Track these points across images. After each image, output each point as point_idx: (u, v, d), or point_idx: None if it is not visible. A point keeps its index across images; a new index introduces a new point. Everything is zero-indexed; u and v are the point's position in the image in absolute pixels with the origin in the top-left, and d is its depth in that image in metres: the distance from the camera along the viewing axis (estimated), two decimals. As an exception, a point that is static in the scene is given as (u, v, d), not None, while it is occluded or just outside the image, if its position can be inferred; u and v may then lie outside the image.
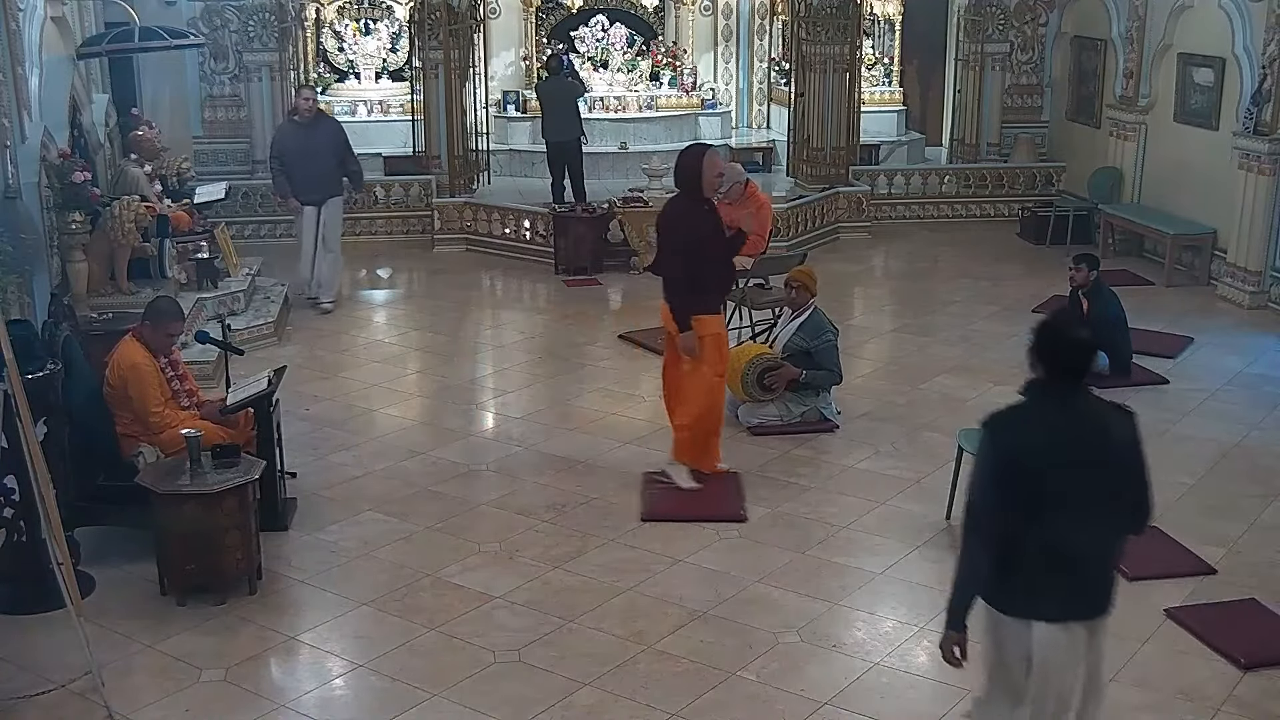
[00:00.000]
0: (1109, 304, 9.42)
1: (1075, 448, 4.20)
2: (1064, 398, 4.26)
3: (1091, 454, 4.20)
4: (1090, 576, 4.29)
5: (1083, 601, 4.28)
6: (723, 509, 7.22)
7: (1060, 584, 4.21)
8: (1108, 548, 4.31)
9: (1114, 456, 4.26)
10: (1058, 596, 4.22)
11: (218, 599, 6.16)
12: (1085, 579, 4.27)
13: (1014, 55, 15.25)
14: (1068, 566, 4.20)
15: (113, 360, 6.76)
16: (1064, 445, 4.19)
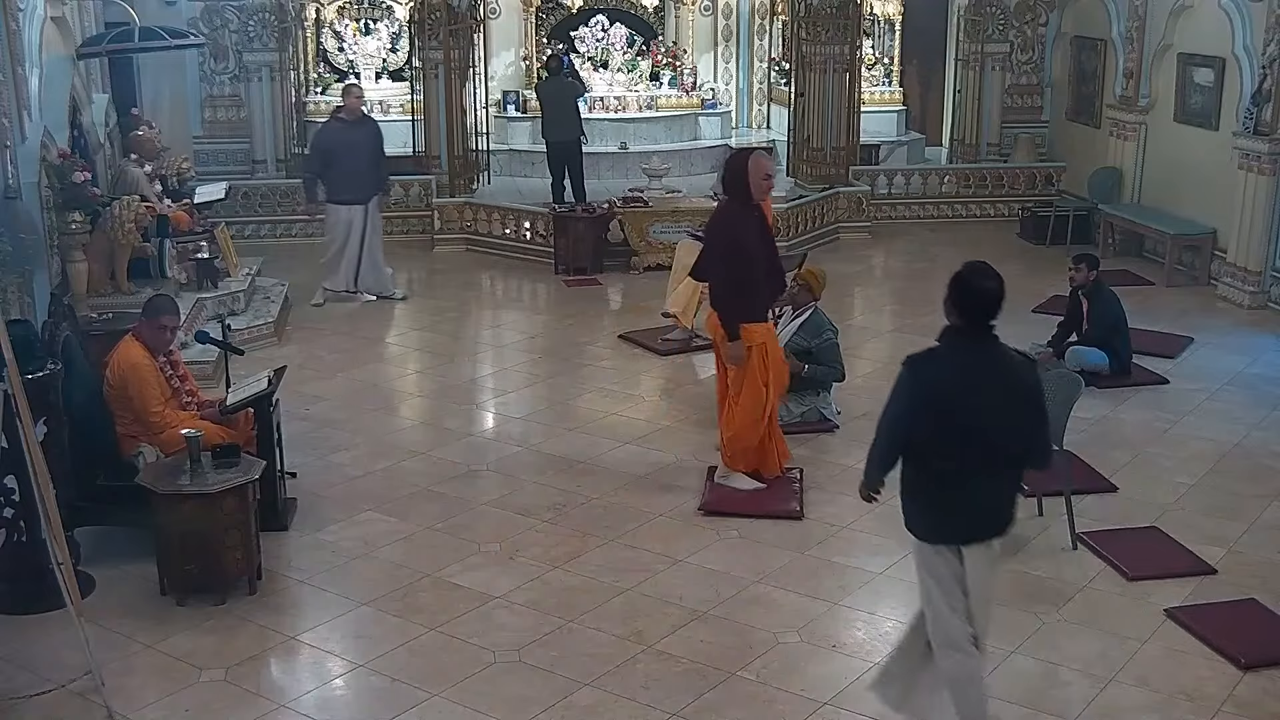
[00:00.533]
0: (1109, 304, 9.42)
1: (983, 386, 4.74)
2: (975, 342, 4.87)
3: (997, 393, 4.74)
4: (987, 503, 4.77)
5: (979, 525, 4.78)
6: (779, 506, 7.25)
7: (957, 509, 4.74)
8: (1006, 478, 4.83)
9: (1017, 397, 4.78)
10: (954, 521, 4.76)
11: (218, 599, 6.16)
12: (982, 506, 4.76)
13: (1014, 55, 15.25)
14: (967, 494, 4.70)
15: (112, 360, 6.76)
16: (974, 384, 4.73)
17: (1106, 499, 7.39)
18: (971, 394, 4.72)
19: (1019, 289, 11.71)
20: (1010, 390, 4.81)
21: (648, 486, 7.60)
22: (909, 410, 4.81)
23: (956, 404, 4.70)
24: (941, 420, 4.71)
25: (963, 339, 4.89)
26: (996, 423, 4.70)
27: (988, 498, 4.79)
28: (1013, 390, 4.82)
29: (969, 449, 4.69)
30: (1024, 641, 5.87)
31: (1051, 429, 6.38)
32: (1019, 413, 4.77)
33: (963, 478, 4.72)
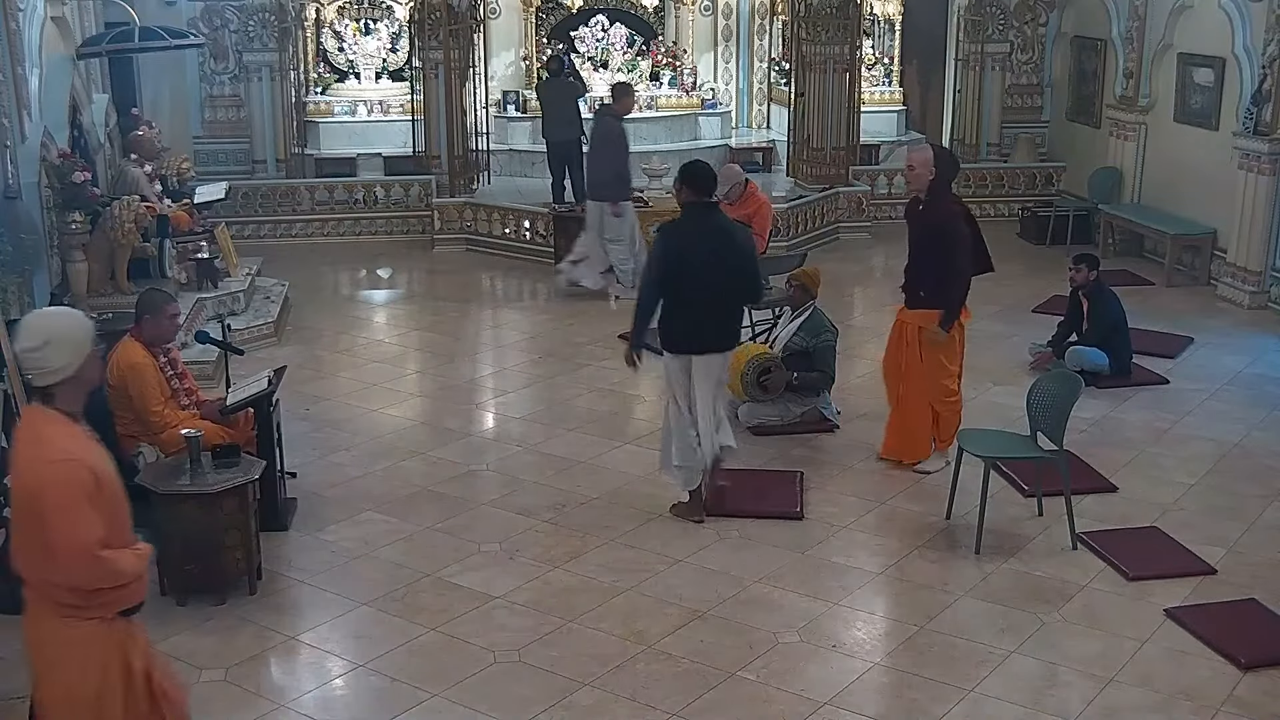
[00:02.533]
0: (1109, 304, 9.42)
1: (711, 242, 6.71)
2: (703, 212, 6.84)
3: (720, 250, 6.70)
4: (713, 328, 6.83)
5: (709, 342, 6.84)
6: (779, 506, 7.26)
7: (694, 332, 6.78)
8: (727, 311, 6.92)
9: (734, 252, 6.77)
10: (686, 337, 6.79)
11: (218, 599, 6.16)
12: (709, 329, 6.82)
13: (1014, 55, 15.25)
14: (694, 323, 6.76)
15: (112, 360, 6.75)
16: (704, 240, 6.70)
17: (1106, 499, 7.39)
18: (703, 247, 6.69)
19: (1019, 289, 11.83)
20: (729, 245, 6.77)
21: (648, 486, 7.60)
22: (662, 262, 6.74)
23: (694, 254, 6.66)
24: (684, 266, 6.64)
25: (696, 209, 6.85)
26: (720, 267, 6.66)
27: (715, 323, 6.84)
28: (731, 245, 6.79)
29: (703, 287, 6.65)
30: (1024, 641, 5.87)
31: (1052, 429, 6.68)
32: (737, 261, 6.76)
33: (697, 308, 6.72)
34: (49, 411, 3.95)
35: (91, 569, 3.86)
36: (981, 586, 6.40)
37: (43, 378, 3.92)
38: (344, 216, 13.89)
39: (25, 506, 3.85)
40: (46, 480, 3.79)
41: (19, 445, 3.97)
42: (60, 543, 3.78)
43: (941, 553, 6.79)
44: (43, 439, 3.89)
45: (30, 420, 4.02)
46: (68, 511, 3.78)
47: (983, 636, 5.91)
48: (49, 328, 3.92)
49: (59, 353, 3.90)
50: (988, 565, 6.61)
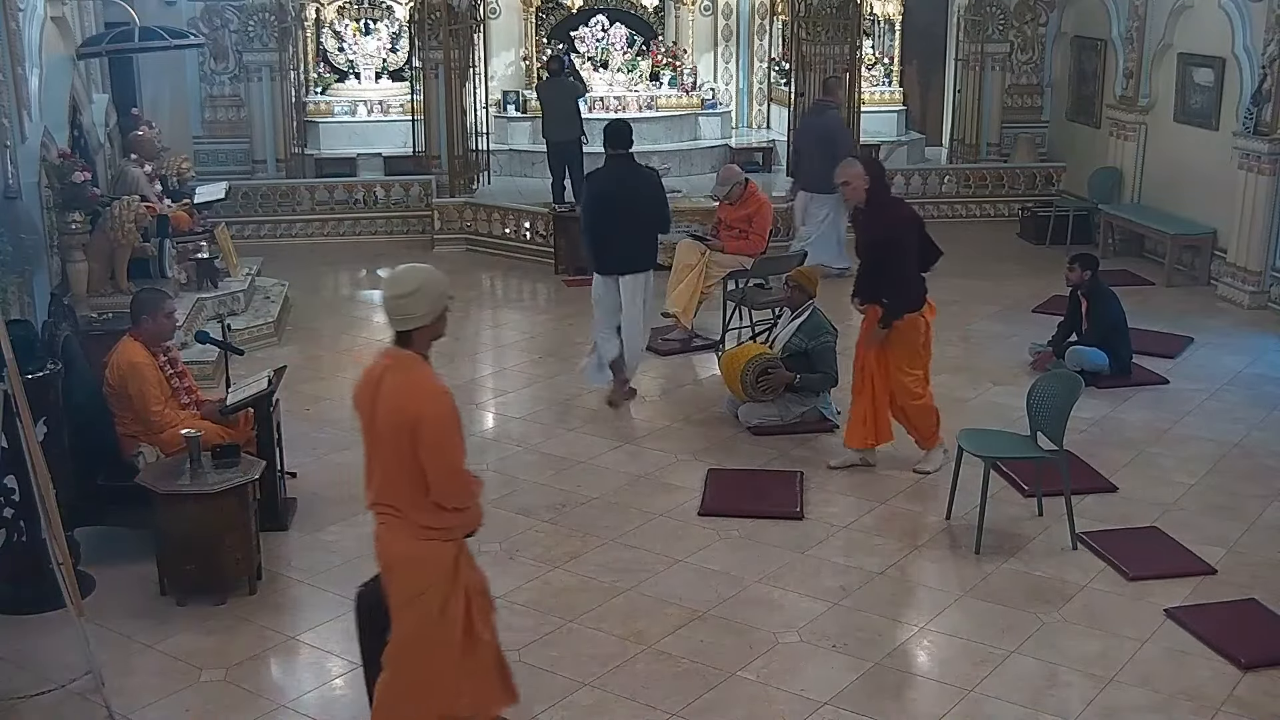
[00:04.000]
0: (1109, 305, 9.42)
1: (628, 184, 8.49)
2: (620, 162, 8.60)
3: (634, 193, 8.47)
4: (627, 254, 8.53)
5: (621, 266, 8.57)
6: (779, 506, 7.27)
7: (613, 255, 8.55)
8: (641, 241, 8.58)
9: (646, 195, 8.55)
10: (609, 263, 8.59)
11: (218, 599, 6.16)
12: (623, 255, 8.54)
13: (1014, 55, 15.25)
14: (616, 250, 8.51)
15: (112, 360, 6.76)
16: (622, 183, 8.49)
17: (1106, 499, 7.39)
18: (621, 190, 8.45)
19: (1019, 289, 11.83)
20: (643, 187, 8.58)
21: (648, 486, 7.60)
22: (591, 203, 8.60)
23: (614, 195, 8.43)
24: (605, 204, 8.45)
25: (615, 160, 8.60)
26: (636, 204, 8.44)
27: (634, 249, 8.56)
28: (644, 186, 8.59)
29: (622, 220, 8.43)
30: (1024, 641, 5.87)
31: (1052, 429, 6.66)
32: (650, 199, 8.56)
33: (620, 238, 8.46)
34: (410, 353, 4.45)
35: (464, 487, 4.49)
36: (981, 586, 6.40)
37: (406, 323, 4.42)
38: (344, 216, 13.89)
39: (404, 435, 4.33)
40: (431, 411, 4.36)
41: (388, 383, 4.42)
42: (444, 465, 4.38)
43: (941, 553, 6.79)
44: (416, 376, 4.43)
45: (397, 361, 4.47)
46: (450, 437, 4.39)
47: (983, 636, 5.91)
48: (419, 278, 4.42)
49: (423, 301, 4.40)
50: (988, 565, 6.61)
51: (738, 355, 8.52)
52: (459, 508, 4.50)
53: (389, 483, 4.47)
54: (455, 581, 4.55)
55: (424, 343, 4.48)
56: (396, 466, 4.40)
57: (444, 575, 4.53)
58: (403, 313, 4.40)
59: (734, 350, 8.84)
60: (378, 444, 4.47)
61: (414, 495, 4.42)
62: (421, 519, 4.46)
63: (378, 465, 4.51)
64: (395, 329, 4.45)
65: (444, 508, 4.45)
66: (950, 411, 8.76)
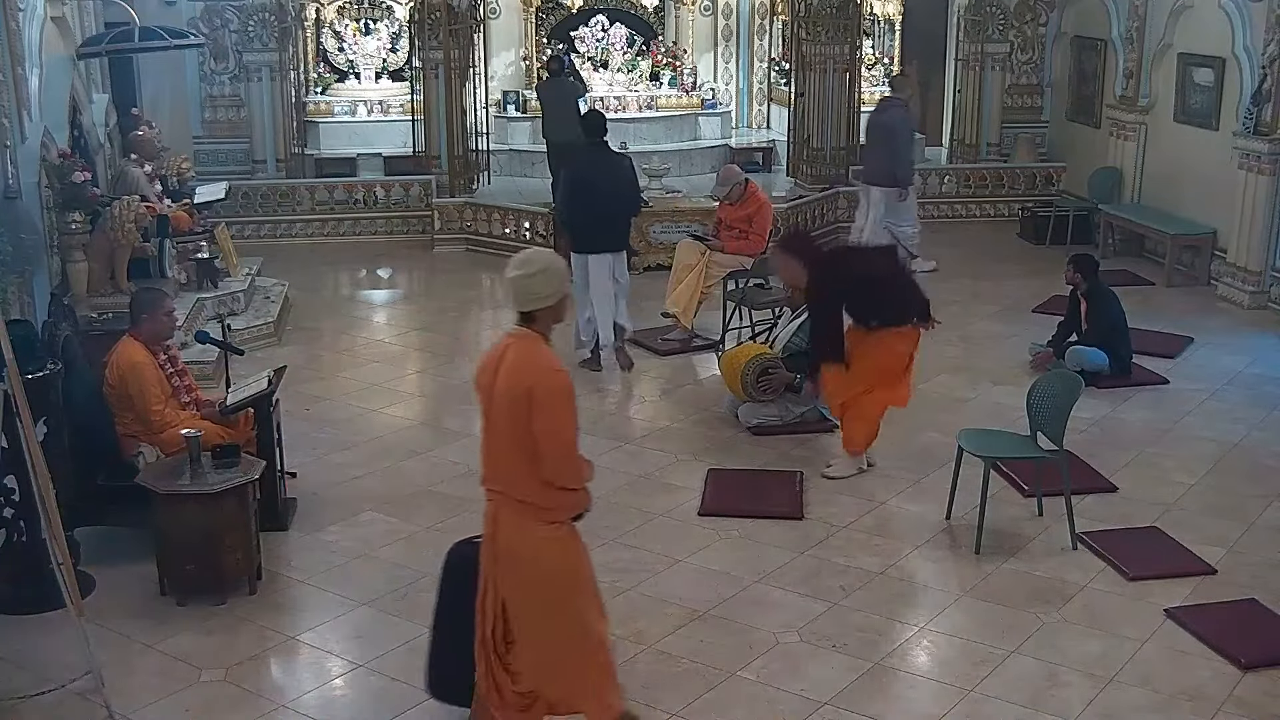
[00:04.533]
0: (1109, 305, 9.42)
1: (603, 170, 9.23)
2: (597, 148, 9.34)
3: (610, 177, 9.20)
4: (602, 235, 9.26)
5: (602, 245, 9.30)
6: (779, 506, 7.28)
7: (586, 235, 9.26)
8: (616, 222, 9.35)
9: (622, 175, 9.36)
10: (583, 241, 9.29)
11: (218, 599, 6.16)
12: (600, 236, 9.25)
13: (1014, 55, 15.24)
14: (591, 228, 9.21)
15: (112, 360, 6.76)
16: (598, 168, 9.24)
17: (1106, 499, 7.39)
18: (597, 174, 9.16)
19: (1019, 289, 11.83)
20: (618, 172, 9.31)
21: (648, 486, 7.60)
22: (567, 186, 9.31)
23: (590, 180, 9.13)
24: (581, 188, 9.15)
25: (590, 147, 9.34)
26: (611, 189, 9.16)
27: (608, 230, 9.29)
28: (617, 172, 9.32)
29: (596, 203, 9.11)
30: (1024, 641, 5.87)
31: (1052, 429, 6.68)
32: (623, 183, 9.31)
33: (594, 219, 9.17)
34: (531, 332, 4.58)
35: (574, 466, 4.57)
36: (981, 586, 6.40)
37: (530, 302, 4.55)
38: (344, 216, 13.88)
39: (519, 408, 4.47)
40: (546, 383, 4.49)
41: (508, 359, 4.56)
42: (556, 439, 4.49)
43: (941, 553, 6.79)
44: (539, 355, 4.55)
45: (518, 340, 4.59)
46: (563, 412, 4.53)
47: (983, 636, 5.91)
48: (544, 260, 4.57)
49: (548, 282, 4.53)
50: (988, 565, 6.61)
51: (738, 355, 8.52)
52: (567, 487, 4.56)
53: (501, 459, 4.58)
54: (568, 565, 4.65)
55: (546, 324, 4.60)
56: (510, 442, 4.51)
57: (560, 558, 4.63)
58: (528, 292, 4.52)
59: (734, 350, 8.85)
60: (494, 421, 4.58)
61: (525, 472, 4.52)
62: (530, 497, 4.55)
63: (492, 443, 4.62)
64: (519, 309, 4.58)
65: (553, 486, 4.53)
66: (950, 411, 8.78)
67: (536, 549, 4.59)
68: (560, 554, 4.63)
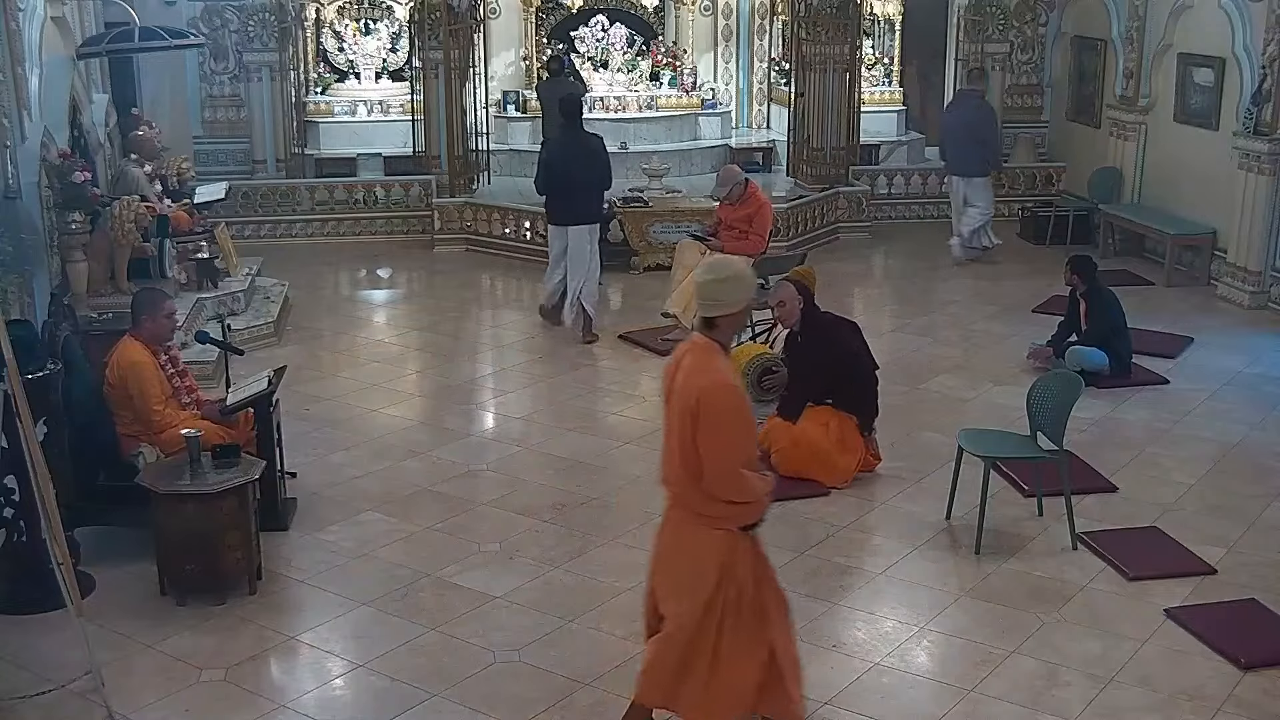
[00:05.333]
0: (1108, 307, 9.42)
1: (577, 150, 10.14)
2: (571, 130, 10.29)
3: (583, 157, 10.11)
4: (578, 208, 10.17)
5: (572, 217, 10.17)
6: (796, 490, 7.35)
7: (563, 208, 10.20)
8: (590, 196, 10.27)
9: (595, 154, 10.19)
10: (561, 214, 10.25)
11: (218, 599, 6.16)
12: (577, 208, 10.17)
13: (1014, 55, 15.23)
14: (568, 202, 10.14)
15: (112, 360, 6.76)
16: (572, 148, 10.17)
17: (1106, 499, 7.39)
18: (570, 154, 10.14)
19: (1019, 289, 11.83)
20: (591, 152, 10.19)
21: (648, 486, 7.56)
22: (546, 165, 10.26)
23: (566, 158, 10.12)
24: (559, 166, 10.11)
25: (567, 129, 10.33)
26: (584, 167, 10.11)
27: (583, 203, 10.19)
28: (592, 152, 10.20)
29: (572, 179, 10.06)
30: (1024, 641, 5.87)
31: (1052, 429, 6.69)
32: (596, 161, 10.20)
33: (569, 193, 10.12)
34: (709, 340, 4.55)
35: (733, 481, 4.49)
36: (981, 586, 6.40)
37: (716, 308, 4.52)
38: (344, 216, 13.88)
39: (687, 418, 4.43)
40: (711, 398, 4.41)
41: (685, 365, 4.54)
42: (717, 454, 4.42)
43: (941, 553, 6.79)
44: (711, 365, 4.49)
45: (696, 346, 4.58)
46: (726, 429, 4.42)
47: (983, 636, 5.91)
48: (735, 266, 4.61)
49: (736, 289, 4.51)
50: (988, 565, 6.61)
51: (739, 355, 8.51)
52: (731, 501, 4.53)
53: (672, 463, 4.59)
54: (726, 575, 4.58)
55: (727, 331, 4.58)
56: (679, 448, 4.51)
57: (713, 566, 4.57)
58: (715, 297, 4.50)
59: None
60: (669, 424, 4.59)
61: (691, 478, 4.52)
62: (696, 504, 4.56)
63: (667, 444, 4.63)
64: (704, 314, 4.56)
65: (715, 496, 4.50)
66: (950, 411, 8.78)
67: (695, 554, 4.60)
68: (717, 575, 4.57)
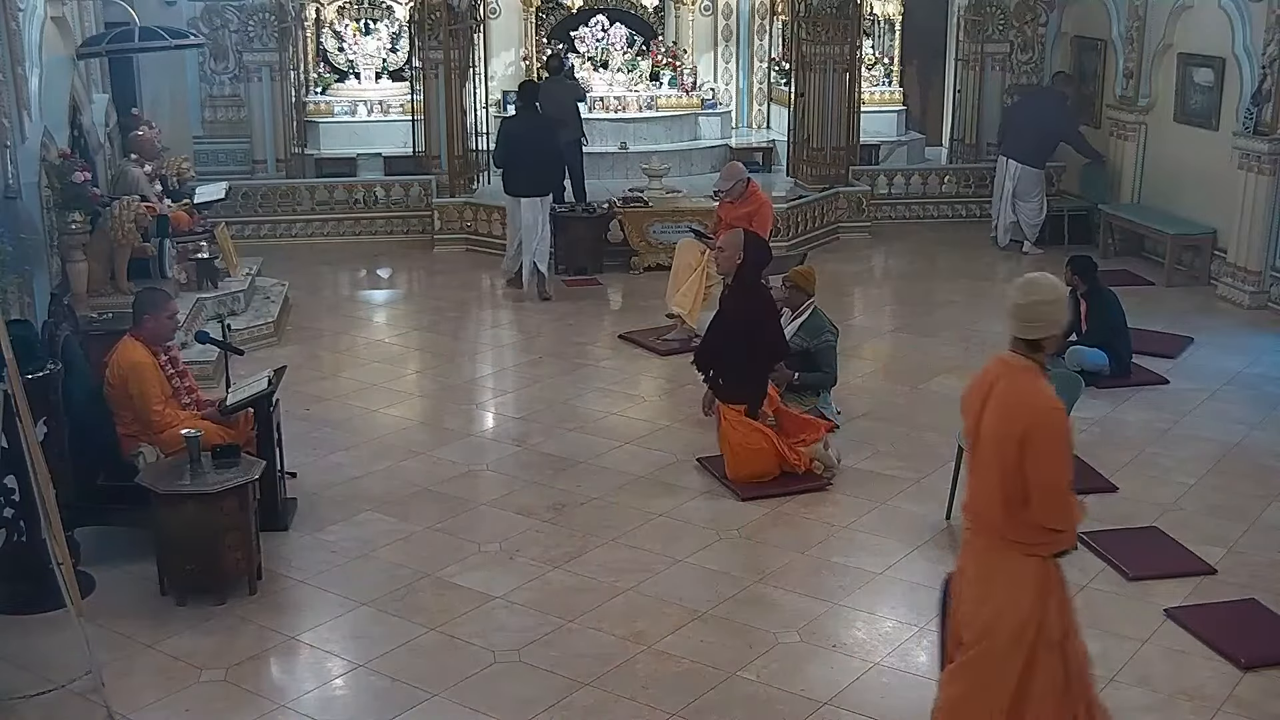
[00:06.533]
0: (1108, 308, 9.41)
1: (532, 128, 11.41)
2: (528, 112, 11.67)
3: (535, 136, 11.36)
4: (531, 181, 11.30)
5: (525, 189, 11.30)
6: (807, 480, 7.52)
7: (517, 181, 11.39)
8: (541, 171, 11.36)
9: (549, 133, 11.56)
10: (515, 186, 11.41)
11: (218, 599, 6.17)
12: (530, 181, 11.31)
13: (1014, 55, 15.22)
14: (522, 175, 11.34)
15: (113, 360, 6.76)
16: (528, 126, 11.45)
17: (1106, 499, 7.39)
18: (525, 132, 11.38)
19: (1019, 289, 11.79)
20: (542, 133, 11.46)
21: (648, 486, 7.60)
22: (504, 141, 11.61)
23: (520, 137, 11.39)
24: (515, 144, 11.38)
25: (524, 110, 11.72)
26: (538, 143, 11.36)
27: (535, 176, 11.34)
28: (543, 134, 11.49)
29: (524, 156, 11.29)
30: (1024, 641, 5.86)
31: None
32: (547, 139, 11.51)
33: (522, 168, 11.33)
34: (1028, 362, 4.38)
35: (1065, 508, 4.28)
36: (981, 586, 6.39)
37: (1042, 329, 4.39)
38: (344, 216, 13.88)
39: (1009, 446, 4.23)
40: (1050, 431, 4.22)
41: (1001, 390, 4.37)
42: (1050, 482, 4.21)
43: (941, 553, 6.78)
44: (1038, 388, 4.31)
45: (1015, 370, 4.40)
46: (1060, 455, 4.22)
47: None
48: (1058, 287, 4.43)
49: (1059, 309, 4.40)
50: (988, 565, 6.60)
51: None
52: (1056, 529, 4.33)
53: (983, 491, 4.39)
54: (1037, 607, 4.37)
55: (1049, 352, 4.44)
56: (996, 477, 4.30)
57: (1028, 593, 4.37)
58: (1040, 318, 4.37)
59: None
60: (979, 454, 4.41)
61: (1009, 508, 4.30)
62: (1010, 533, 4.35)
63: (976, 474, 4.44)
64: (1022, 335, 4.40)
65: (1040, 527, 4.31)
66: (950, 411, 8.71)
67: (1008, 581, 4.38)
68: (1032, 600, 4.36)
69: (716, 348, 7.82)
